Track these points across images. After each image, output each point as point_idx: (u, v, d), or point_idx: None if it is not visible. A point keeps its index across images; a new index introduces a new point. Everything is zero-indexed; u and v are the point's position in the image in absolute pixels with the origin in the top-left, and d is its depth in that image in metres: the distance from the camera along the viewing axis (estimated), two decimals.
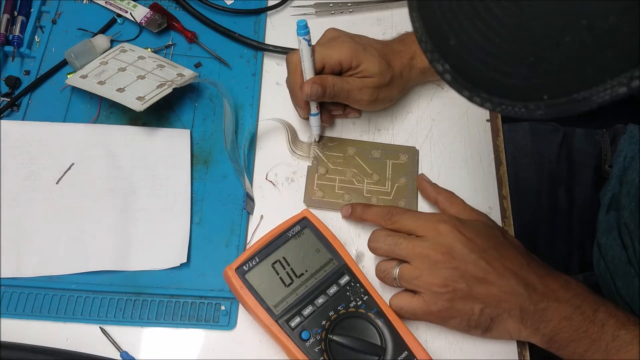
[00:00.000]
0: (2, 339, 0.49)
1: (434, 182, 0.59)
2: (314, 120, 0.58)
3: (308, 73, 0.54)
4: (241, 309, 0.52)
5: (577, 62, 0.28)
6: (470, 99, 0.33)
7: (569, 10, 0.28)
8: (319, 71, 0.55)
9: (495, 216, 0.59)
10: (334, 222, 0.57)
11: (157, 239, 0.55)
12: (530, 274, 0.48)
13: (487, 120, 0.65)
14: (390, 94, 0.59)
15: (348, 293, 0.50)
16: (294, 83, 0.56)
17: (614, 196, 0.66)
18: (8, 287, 0.52)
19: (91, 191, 0.56)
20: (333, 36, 0.57)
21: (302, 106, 0.57)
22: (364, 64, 0.55)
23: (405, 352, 0.48)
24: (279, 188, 0.59)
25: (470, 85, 0.32)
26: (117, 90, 0.58)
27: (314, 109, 0.57)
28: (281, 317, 0.48)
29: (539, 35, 0.29)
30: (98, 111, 0.61)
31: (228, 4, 0.69)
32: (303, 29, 0.51)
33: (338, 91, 0.55)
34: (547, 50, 0.29)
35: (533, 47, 0.29)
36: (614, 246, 0.63)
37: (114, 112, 0.61)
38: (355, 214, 0.56)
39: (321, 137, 0.61)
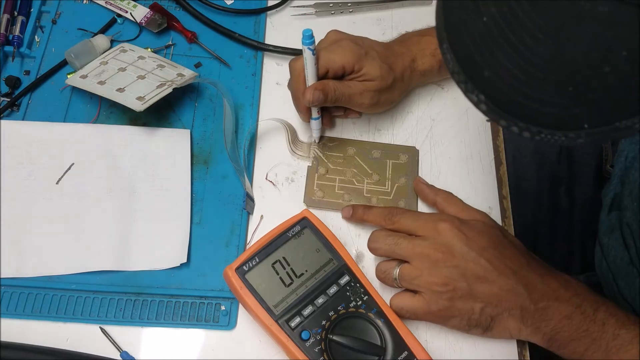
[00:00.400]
0: (2, 339, 0.49)
1: (433, 182, 0.59)
2: (315, 124, 0.59)
3: (311, 80, 0.54)
4: (241, 309, 0.52)
5: (618, 92, 0.29)
6: (507, 128, 0.33)
7: (607, 42, 0.28)
8: (322, 76, 0.55)
9: (495, 216, 0.59)
10: (334, 222, 0.57)
11: (157, 239, 0.55)
12: (531, 273, 0.48)
13: (487, 120, 0.65)
14: (391, 97, 0.59)
15: (348, 293, 0.50)
16: (296, 89, 0.56)
17: (616, 196, 0.65)
18: (8, 287, 0.52)
19: (91, 191, 0.56)
20: (335, 39, 0.57)
21: (304, 111, 0.57)
22: (365, 67, 0.55)
23: (405, 352, 0.48)
24: (279, 188, 0.59)
25: (507, 115, 0.33)
26: (117, 90, 0.58)
27: (315, 113, 0.57)
28: (281, 317, 0.48)
29: (577, 66, 0.29)
30: (98, 111, 0.61)
31: (228, 4, 0.69)
32: (308, 39, 0.51)
33: (339, 96, 0.55)
34: (587, 80, 0.29)
35: (572, 77, 0.29)
36: (616, 246, 0.63)
37: (114, 112, 0.61)
38: (356, 215, 0.56)
39: (321, 136, 0.61)
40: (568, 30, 0.29)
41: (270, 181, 0.59)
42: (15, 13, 0.64)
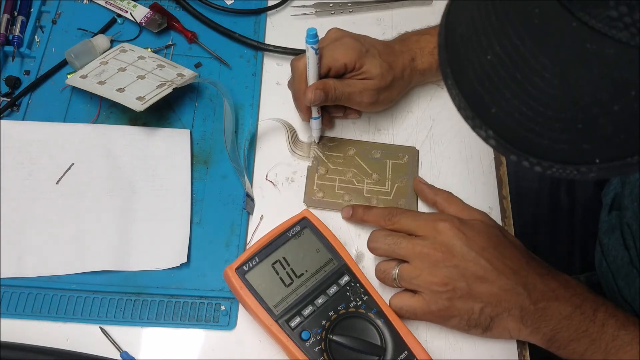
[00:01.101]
0: (2, 339, 0.49)
1: (433, 182, 0.59)
2: (315, 124, 0.59)
3: (312, 79, 0.54)
4: (241, 309, 0.52)
5: (628, 129, 0.29)
6: (518, 163, 0.33)
7: (615, 82, 0.28)
8: (324, 74, 0.55)
9: (495, 216, 0.59)
10: (334, 222, 0.57)
11: (157, 239, 0.55)
12: (530, 273, 0.48)
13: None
14: (390, 95, 0.59)
15: (348, 293, 0.50)
16: (298, 89, 0.56)
17: (616, 196, 0.66)
18: (8, 287, 0.52)
19: (91, 191, 0.56)
20: (337, 37, 0.57)
21: (304, 110, 0.57)
22: (366, 65, 0.55)
23: (405, 352, 0.48)
24: (279, 188, 0.59)
25: (517, 150, 0.32)
26: (117, 90, 0.58)
27: (315, 112, 0.57)
28: (281, 317, 0.48)
29: (586, 104, 0.29)
30: (98, 111, 0.61)
31: (228, 4, 0.69)
32: (312, 38, 0.51)
33: (340, 95, 0.55)
34: (596, 118, 0.29)
35: (581, 115, 0.30)
36: (616, 246, 0.63)
37: (114, 112, 0.61)
38: (356, 215, 0.56)
39: (321, 136, 0.61)
40: (575, 71, 0.29)
41: (270, 181, 0.59)
42: (15, 13, 0.64)
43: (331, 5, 0.70)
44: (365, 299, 0.50)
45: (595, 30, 0.27)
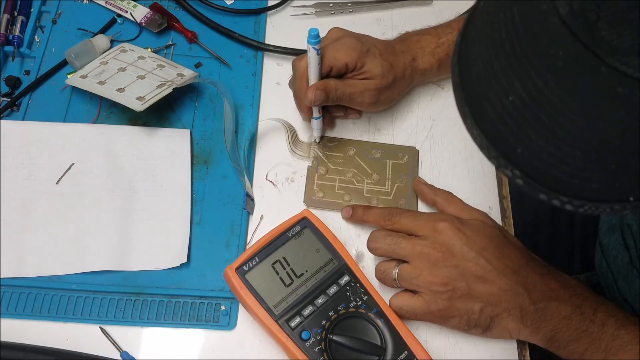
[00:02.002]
0: (2, 339, 0.49)
1: (433, 182, 0.59)
2: (316, 124, 0.58)
3: (313, 79, 0.54)
4: (241, 309, 0.52)
5: None
6: (548, 201, 0.32)
7: None
8: (325, 74, 0.55)
9: (495, 216, 0.59)
10: (334, 222, 0.57)
11: (157, 239, 0.55)
12: (530, 273, 0.48)
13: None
14: (391, 95, 0.59)
15: (348, 293, 0.50)
16: (299, 89, 0.56)
17: None
18: (8, 287, 0.52)
19: (91, 191, 0.56)
20: (338, 36, 0.57)
21: (305, 111, 0.57)
22: (367, 65, 0.55)
23: (405, 352, 0.48)
24: (279, 188, 0.59)
25: (547, 189, 0.32)
26: (117, 90, 0.58)
27: (316, 112, 0.57)
28: (281, 317, 0.48)
29: (617, 145, 0.29)
30: (98, 111, 0.61)
31: (228, 4, 0.69)
32: (314, 38, 0.51)
33: (340, 95, 0.55)
34: (629, 158, 0.29)
35: (612, 156, 0.30)
36: (617, 246, 0.63)
37: (114, 112, 0.61)
38: (356, 215, 0.56)
39: (322, 136, 0.61)
40: (604, 113, 0.29)
41: (270, 181, 0.59)
42: (15, 13, 0.64)
43: (331, 5, 0.70)
44: (365, 299, 0.50)
45: (627, 75, 0.27)
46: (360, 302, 0.50)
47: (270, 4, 0.70)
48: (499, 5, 0.32)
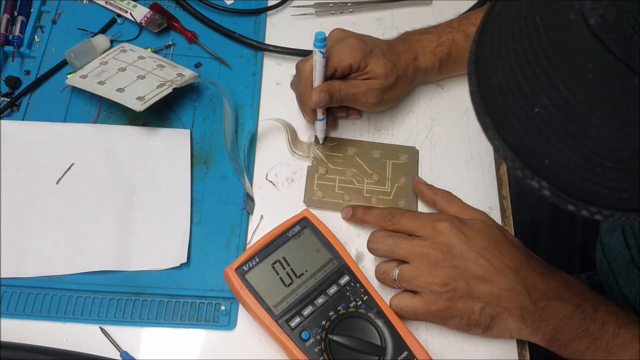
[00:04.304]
0: (2, 339, 0.49)
1: (433, 182, 0.59)
2: (320, 125, 0.58)
3: (318, 81, 0.54)
4: (241, 309, 0.52)
5: None
6: (577, 212, 0.32)
7: None
8: (329, 76, 0.55)
9: (495, 216, 0.59)
10: (334, 222, 0.57)
11: (157, 239, 0.55)
12: (531, 272, 0.48)
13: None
14: (394, 94, 0.59)
15: (348, 293, 0.50)
16: (303, 92, 0.56)
17: None
18: (8, 287, 0.52)
19: (91, 191, 0.56)
20: (341, 37, 0.57)
21: (309, 113, 0.57)
22: (370, 65, 0.55)
23: (405, 352, 0.48)
24: (279, 188, 0.59)
25: (575, 200, 0.32)
26: (117, 90, 0.58)
27: (320, 114, 0.57)
28: (281, 317, 0.48)
29: None
30: (98, 111, 0.61)
31: (228, 4, 0.69)
32: (321, 42, 0.51)
33: (344, 96, 0.55)
34: None
35: None
36: (617, 245, 0.63)
37: (114, 112, 0.61)
38: (356, 216, 0.56)
39: (325, 137, 0.61)
40: (634, 123, 0.28)
41: (270, 181, 0.59)
42: (15, 13, 0.64)
43: (331, 5, 0.70)
44: (365, 299, 0.50)
45: None
46: (360, 302, 0.50)
47: (270, 4, 0.70)
48: (518, 14, 0.32)
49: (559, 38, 0.29)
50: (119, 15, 0.67)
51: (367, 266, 0.55)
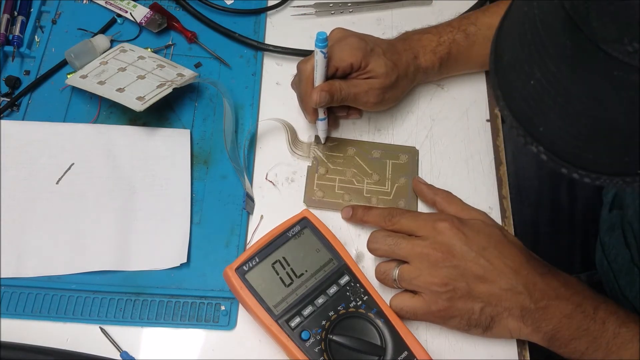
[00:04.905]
0: (2, 339, 0.49)
1: (433, 182, 0.59)
2: (322, 125, 0.58)
3: (319, 81, 0.54)
4: (241, 309, 0.52)
5: None
6: (569, 174, 0.36)
7: None
8: (331, 75, 0.55)
9: (495, 216, 0.59)
10: (334, 222, 0.57)
11: (157, 239, 0.55)
12: (531, 272, 0.48)
13: (487, 120, 0.65)
14: (395, 94, 0.59)
15: (348, 293, 0.50)
16: (304, 92, 0.56)
17: (617, 195, 0.66)
18: (8, 287, 0.52)
19: (91, 191, 0.56)
20: (341, 37, 0.57)
21: (310, 113, 0.57)
22: (371, 64, 0.55)
23: (405, 352, 0.48)
24: (279, 188, 0.59)
25: (567, 163, 0.36)
26: (117, 90, 0.58)
27: (321, 114, 0.57)
28: (281, 317, 0.48)
29: (621, 124, 0.33)
30: (98, 111, 0.61)
31: (228, 4, 0.69)
32: (322, 42, 0.51)
33: (345, 96, 0.55)
34: (633, 135, 0.33)
35: (618, 134, 0.33)
36: (617, 245, 0.63)
37: (114, 112, 0.61)
38: (356, 216, 0.56)
39: (326, 137, 0.61)
40: (608, 95, 0.32)
41: (270, 181, 0.59)
42: (15, 13, 0.64)
43: (331, 5, 0.70)
44: (365, 299, 0.50)
45: (620, 61, 0.30)
46: (360, 302, 0.50)
47: (270, 4, 0.70)
48: (524, 3, 0.36)
49: (547, 20, 0.34)
50: (119, 15, 0.67)
51: (367, 266, 0.55)
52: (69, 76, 0.62)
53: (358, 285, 0.50)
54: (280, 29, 0.69)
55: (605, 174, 0.35)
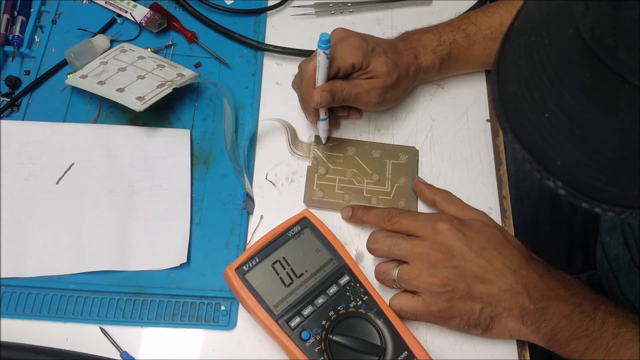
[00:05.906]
0: (2, 339, 0.49)
1: (433, 182, 0.59)
2: (323, 125, 0.58)
3: (321, 81, 0.54)
4: (241, 309, 0.52)
5: None
6: (591, 209, 0.34)
7: None
8: (332, 76, 0.55)
9: (495, 216, 0.59)
10: (334, 222, 0.57)
11: (157, 239, 0.55)
12: (530, 273, 0.48)
13: (487, 120, 0.65)
14: (396, 93, 0.59)
15: (348, 293, 0.50)
16: (306, 92, 0.56)
17: None
18: (8, 287, 0.52)
19: (91, 191, 0.56)
20: (342, 37, 0.57)
21: (312, 113, 0.57)
22: (372, 64, 0.55)
23: (405, 352, 0.48)
24: (279, 188, 0.59)
25: (588, 198, 0.34)
26: (117, 90, 0.58)
27: (322, 114, 0.57)
28: (281, 317, 0.48)
29: None
30: (98, 111, 0.61)
31: (228, 4, 0.69)
32: (325, 43, 0.51)
33: (347, 96, 0.55)
34: None
35: None
36: (618, 245, 0.63)
37: (114, 112, 0.61)
38: (355, 216, 0.56)
39: (328, 137, 0.61)
40: (629, 125, 0.30)
41: (270, 181, 0.59)
42: (15, 13, 0.64)
43: (331, 5, 0.70)
44: (365, 299, 0.50)
45: None
46: (360, 302, 0.50)
47: (270, 4, 0.70)
48: (530, 29, 0.34)
49: (562, 50, 0.32)
50: (119, 15, 0.67)
51: (367, 266, 0.55)
52: (69, 76, 0.62)
53: (358, 285, 0.50)
54: (280, 29, 0.69)
55: (632, 207, 0.33)
